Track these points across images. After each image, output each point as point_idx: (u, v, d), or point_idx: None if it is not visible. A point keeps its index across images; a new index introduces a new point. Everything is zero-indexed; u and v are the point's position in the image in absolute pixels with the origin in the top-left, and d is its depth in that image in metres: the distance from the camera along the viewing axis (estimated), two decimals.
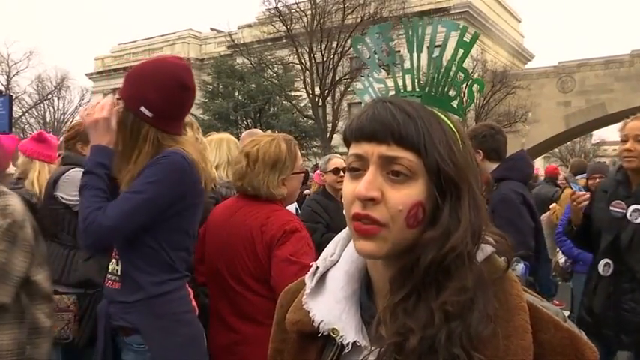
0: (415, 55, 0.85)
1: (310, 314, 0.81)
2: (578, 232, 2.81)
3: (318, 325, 0.80)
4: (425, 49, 0.83)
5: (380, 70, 0.87)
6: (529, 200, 3.01)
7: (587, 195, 2.67)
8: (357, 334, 0.77)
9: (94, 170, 1.77)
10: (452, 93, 0.82)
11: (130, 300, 1.79)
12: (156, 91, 1.78)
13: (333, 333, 0.78)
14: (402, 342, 0.69)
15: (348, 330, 0.78)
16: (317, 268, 0.86)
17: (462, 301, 0.69)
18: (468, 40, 0.82)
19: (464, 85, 0.83)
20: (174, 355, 1.77)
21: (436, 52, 0.82)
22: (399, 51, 0.87)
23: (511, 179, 2.99)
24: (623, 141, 2.60)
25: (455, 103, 0.82)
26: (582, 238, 2.85)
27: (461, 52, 0.82)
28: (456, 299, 0.69)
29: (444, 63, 0.81)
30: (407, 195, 0.73)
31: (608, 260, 2.61)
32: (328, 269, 0.85)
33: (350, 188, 0.75)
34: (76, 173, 2.65)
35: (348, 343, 0.77)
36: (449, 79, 0.81)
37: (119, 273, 1.84)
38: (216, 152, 3.18)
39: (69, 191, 2.71)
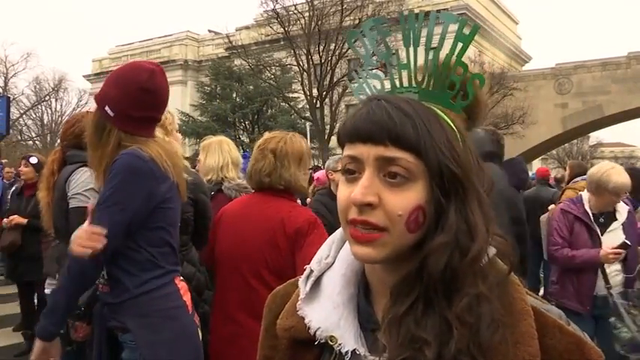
0: (412, 49, 0.80)
1: (306, 321, 0.77)
2: None
3: (315, 332, 0.76)
4: (421, 43, 0.79)
5: (375, 65, 0.83)
6: (517, 204, 3.05)
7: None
8: (357, 342, 0.73)
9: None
10: (451, 89, 0.76)
11: (117, 301, 1.85)
12: (118, 92, 1.86)
13: (331, 341, 0.74)
14: (416, 355, 0.64)
15: (347, 338, 0.74)
16: (311, 271, 0.82)
17: (476, 308, 0.65)
18: (467, 33, 0.76)
19: (463, 80, 0.78)
20: (163, 350, 1.80)
21: (429, 45, 0.79)
22: (395, 51, 0.83)
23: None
24: None
25: (453, 100, 0.77)
26: None
27: (460, 45, 0.76)
28: (470, 307, 0.65)
29: (442, 57, 0.76)
30: (406, 199, 0.68)
31: None
32: (323, 272, 0.82)
33: (345, 192, 0.71)
34: (88, 174, 2.69)
35: (347, 352, 0.73)
36: (447, 74, 0.76)
37: (106, 277, 1.88)
38: (218, 153, 3.24)
39: (88, 193, 2.69)
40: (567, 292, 3.31)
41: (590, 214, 3.30)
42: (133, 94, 1.84)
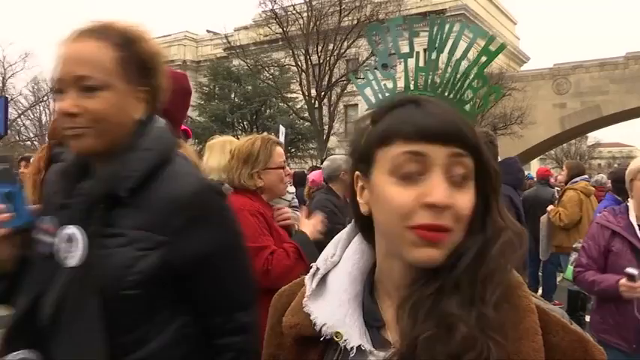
0: (434, 54, 0.82)
1: (311, 317, 0.78)
2: None
3: (320, 328, 0.77)
4: (433, 50, 0.81)
5: (391, 63, 0.84)
6: (517, 203, 3.07)
7: None
8: (362, 338, 0.74)
9: None
10: (466, 97, 0.79)
11: None
12: (169, 103, 1.84)
13: (336, 337, 0.75)
14: (441, 333, 0.65)
15: (352, 334, 0.75)
16: (317, 269, 0.83)
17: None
18: (492, 50, 0.79)
19: (480, 91, 0.81)
20: None
21: (441, 53, 0.80)
22: (417, 53, 0.84)
23: (502, 183, 3.05)
24: None
25: (467, 107, 0.79)
26: None
27: (483, 59, 0.79)
28: (503, 296, 0.68)
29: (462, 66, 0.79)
30: (469, 198, 0.70)
31: None
32: (329, 271, 0.83)
33: (404, 195, 0.69)
34: None
35: (352, 348, 0.74)
36: (466, 83, 0.78)
37: None
38: (220, 154, 3.21)
39: None
40: (607, 326, 2.62)
41: (636, 227, 2.59)
42: (180, 99, 1.85)
